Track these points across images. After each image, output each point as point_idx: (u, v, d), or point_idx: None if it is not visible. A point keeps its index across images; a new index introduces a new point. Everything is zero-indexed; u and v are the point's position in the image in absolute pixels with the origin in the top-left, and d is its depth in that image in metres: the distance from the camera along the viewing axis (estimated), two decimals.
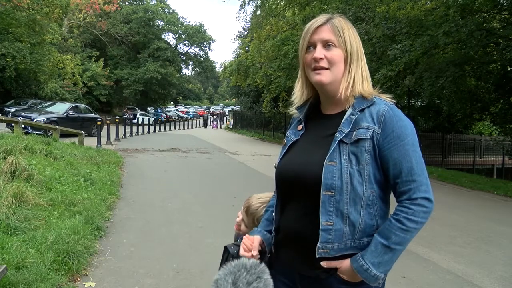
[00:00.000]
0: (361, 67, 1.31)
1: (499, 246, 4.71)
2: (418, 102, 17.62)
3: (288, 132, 1.42)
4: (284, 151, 1.38)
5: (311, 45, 1.30)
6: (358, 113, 1.26)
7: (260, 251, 1.36)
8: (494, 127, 18.40)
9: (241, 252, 1.33)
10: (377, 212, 1.24)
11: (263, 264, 1.21)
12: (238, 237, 1.68)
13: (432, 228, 5.32)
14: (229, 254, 1.51)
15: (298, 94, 1.40)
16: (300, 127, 1.38)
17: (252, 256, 1.30)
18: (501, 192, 8.46)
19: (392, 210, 1.29)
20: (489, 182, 9.96)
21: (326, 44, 1.27)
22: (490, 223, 5.83)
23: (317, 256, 1.22)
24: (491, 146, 18.29)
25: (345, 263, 1.22)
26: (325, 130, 1.31)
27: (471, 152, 17.83)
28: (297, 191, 1.28)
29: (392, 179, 1.22)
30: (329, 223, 1.20)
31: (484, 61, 10.84)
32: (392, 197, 1.30)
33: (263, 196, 1.69)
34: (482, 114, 15.87)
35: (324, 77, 1.27)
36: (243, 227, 1.66)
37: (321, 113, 1.38)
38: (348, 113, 1.27)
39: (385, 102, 1.27)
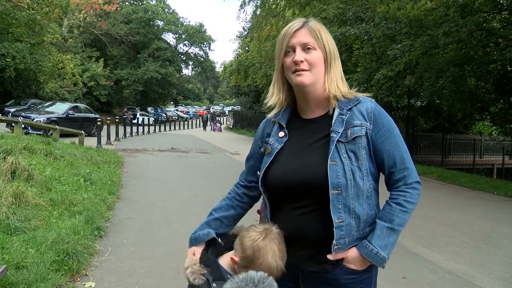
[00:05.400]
0: (339, 67, 1.36)
1: (499, 246, 4.71)
2: (418, 102, 17.61)
3: (270, 139, 1.41)
4: (271, 159, 1.37)
5: (290, 49, 1.33)
6: (347, 112, 1.31)
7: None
8: (494, 127, 18.42)
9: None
10: (374, 202, 1.32)
11: (271, 278, 1.21)
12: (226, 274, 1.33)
13: (432, 228, 5.32)
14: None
15: (275, 98, 1.41)
16: (282, 134, 1.39)
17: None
18: (501, 192, 8.45)
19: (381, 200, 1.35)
20: (489, 182, 9.96)
21: (306, 47, 1.30)
22: (490, 223, 5.83)
23: (333, 253, 1.26)
24: (491, 146, 18.30)
25: (351, 252, 1.27)
26: (313, 134, 1.34)
27: (471, 152, 17.83)
28: (296, 193, 1.30)
29: (387, 169, 1.31)
30: (340, 220, 1.25)
31: (484, 61, 10.83)
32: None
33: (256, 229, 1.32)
34: (482, 114, 15.88)
35: (305, 78, 1.30)
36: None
37: (301, 118, 1.40)
38: (336, 113, 1.31)
39: (369, 99, 1.35)
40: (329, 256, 1.26)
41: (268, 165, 1.37)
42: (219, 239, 1.40)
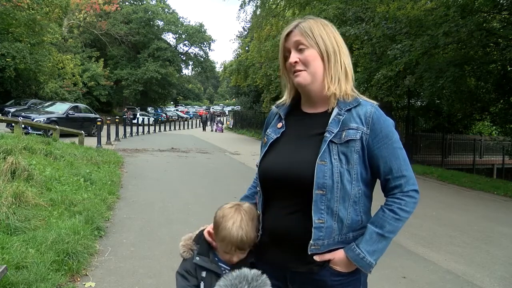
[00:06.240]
0: (342, 63, 1.33)
1: (499, 246, 4.71)
2: (418, 102, 17.62)
3: (268, 130, 1.43)
4: (266, 149, 1.38)
5: (287, 52, 1.35)
6: (345, 113, 1.29)
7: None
8: (494, 127, 18.40)
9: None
10: (362, 208, 1.29)
11: (264, 276, 1.21)
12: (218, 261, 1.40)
13: (432, 228, 5.32)
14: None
15: (284, 98, 1.46)
16: (280, 124, 1.40)
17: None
18: (501, 192, 8.46)
19: (374, 206, 1.34)
20: (489, 182, 9.96)
21: (298, 48, 1.32)
22: (490, 223, 5.83)
23: (309, 253, 1.25)
24: (491, 146, 18.28)
25: (339, 254, 1.26)
26: (309, 129, 1.34)
27: (471, 152, 17.81)
28: (285, 190, 1.30)
29: (383, 176, 1.29)
30: (321, 221, 1.24)
31: (484, 61, 10.84)
32: (375, 193, 1.35)
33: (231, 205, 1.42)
34: (482, 114, 15.88)
35: (302, 78, 1.31)
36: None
37: (301, 111, 1.40)
38: (334, 113, 1.30)
39: (370, 103, 1.32)
40: (316, 257, 1.25)
41: (264, 155, 1.38)
42: None
